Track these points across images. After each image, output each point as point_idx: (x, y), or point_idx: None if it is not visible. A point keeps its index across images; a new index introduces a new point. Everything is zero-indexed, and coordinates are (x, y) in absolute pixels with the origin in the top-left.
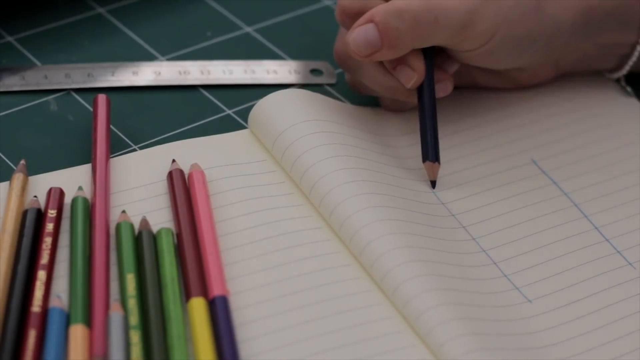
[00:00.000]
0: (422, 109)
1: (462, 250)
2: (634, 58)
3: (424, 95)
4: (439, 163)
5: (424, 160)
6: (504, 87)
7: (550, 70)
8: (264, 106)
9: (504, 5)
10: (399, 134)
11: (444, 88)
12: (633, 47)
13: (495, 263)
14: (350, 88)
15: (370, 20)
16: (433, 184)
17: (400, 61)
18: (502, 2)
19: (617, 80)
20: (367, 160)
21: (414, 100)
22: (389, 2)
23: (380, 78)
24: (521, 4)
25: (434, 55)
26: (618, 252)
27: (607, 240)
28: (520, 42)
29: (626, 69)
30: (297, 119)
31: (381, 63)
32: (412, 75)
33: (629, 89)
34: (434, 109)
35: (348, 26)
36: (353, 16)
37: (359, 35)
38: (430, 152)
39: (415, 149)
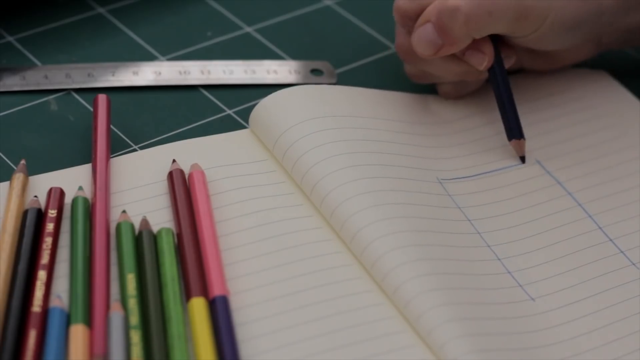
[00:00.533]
0: (497, 89)
1: (465, 243)
2: None
3: (497, 76)
4: (524, 138)
5: (509, 139)
6: (549, 68)
7: (594, 47)
8: (266, 106)
9: None
10: (423, 121)
11: (509, 61)
12: None
13: (499, 259)
14: (410, 78)
15: (427, 20)
16: (523, 159)
17: (469, 46)
18: None
19: None
20: (373, 153)
21: (484, 77)
22: (441, 1)
23: (449, 65)
24: None
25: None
26: (621, 252)
27: (610, 240)
28: (568, 26)
29: None
30: (299, 117)
31: None
32: (483, 59)
33: None
34: (509, 87)
35: (409, 27)
36: (412, 17)
37: (420, 37)
38: (515, 130)
39: (434, 139)
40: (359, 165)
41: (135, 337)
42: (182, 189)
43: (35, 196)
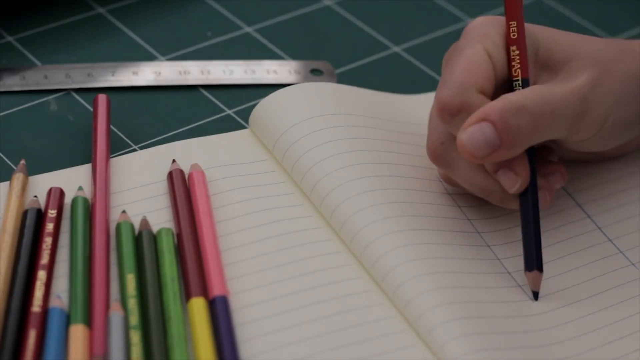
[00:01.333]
0: (525, 216)
1: (465, 242)
2: None
3: (527, 202)
4: (542, 272)
5: (527, 269)
6: (588, 160)
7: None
8: (266, 106)
9: (613, 90)
10: (425, 122)
11: (543, 198)
12: None
13: (499, 259)
14: (442, 180)
15: (484, 119)
16: (536, 295)
17: (503, 164)
18: (610, 87)
19: None
20: (374, 151)
21: (506, 206)
22: (503, 99)
23: (476, 178)
24: (627, 86)
25: (538, 165)
26: (621, 252)
27: (610, 240)
28: (628, 124)
29: None
30: (299, 117)
31: (481, 164)
32: (516, 181)
33: None
34: (538, 216)
35: (448, 123)
36: (453, 113)
37: (475, 135)
38: (535, 261)
39: None
40: (359, 164)
41: (135, 337)
42: (182, 189)
43: (35, 196)
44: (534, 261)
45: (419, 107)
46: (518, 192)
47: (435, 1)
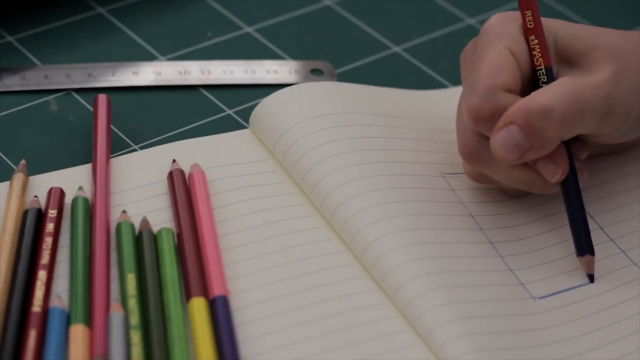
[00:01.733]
0: (569, 202)
1: (467, 240)
2: None
3: (570, 189)
4: (594, 255)
5: (580, 255)
6: (608, 152)
7: None
8: (266, 106)
9: (634, 83)
10: (427, 117)
11: (581, 178)
12: None
13: (501, 256)
14: (470, 178)
15: (512, 122)
16: (591, 278)
17: (542, 156)
18: (630, 80)
19: None
20: (375, 150)
21: (548, 193)
22: (529, 100)
23: (517, 173)
24: None
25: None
26: (622, 251)
27: (611, 240)
28: None
29: None
30: (300, 117)
31: None
32: (557, 170)
33: None
34: (582, 201)
35: (483, 129)
36: (487, 118)
37: (504, 139)
38: (586, 246)
39: (439, 134)
40: (359, 164)
41: (135, 337)
42: (182, 189)
43: (36, 196)
44: (584, 246)
45: (424, 102)
46: (559, 181)
47: (435, 1)
